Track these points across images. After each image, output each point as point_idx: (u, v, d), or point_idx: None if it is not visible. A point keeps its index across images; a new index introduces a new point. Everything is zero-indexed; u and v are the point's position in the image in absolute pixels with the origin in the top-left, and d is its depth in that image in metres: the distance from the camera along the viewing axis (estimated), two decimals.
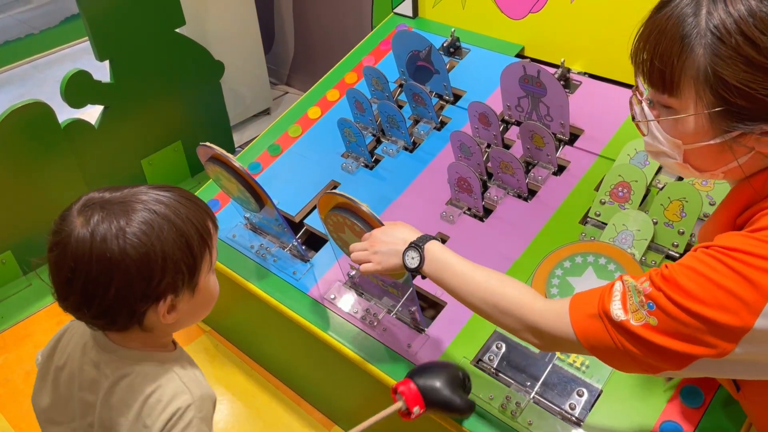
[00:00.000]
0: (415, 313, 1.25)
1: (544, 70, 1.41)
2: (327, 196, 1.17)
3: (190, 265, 0.77)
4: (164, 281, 0.75)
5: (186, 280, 0.77)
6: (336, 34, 2.59)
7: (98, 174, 2.08)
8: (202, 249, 0.78)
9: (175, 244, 0.75)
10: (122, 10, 1.91)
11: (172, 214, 0.76)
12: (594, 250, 1.25)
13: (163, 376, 0.79)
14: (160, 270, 0.74)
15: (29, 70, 3.26)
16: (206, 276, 0.81)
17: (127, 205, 0.75)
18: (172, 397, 0.78)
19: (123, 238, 0.72)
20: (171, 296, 0.77)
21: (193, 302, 0.80)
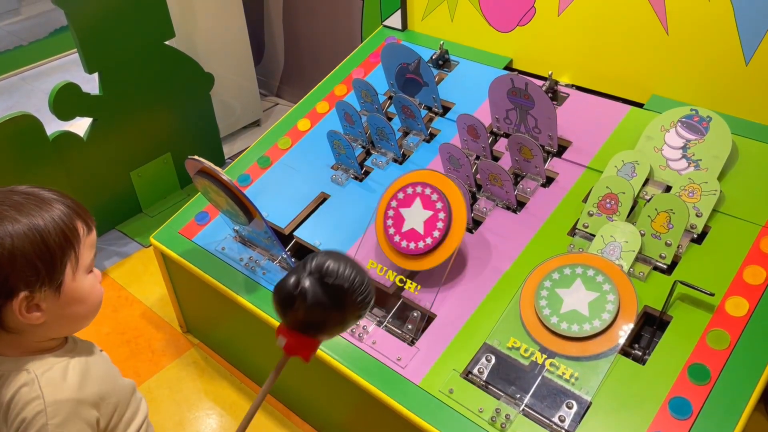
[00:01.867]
0: None
1: (531, 83, 1.42)
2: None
3: (46, 260, 0.76)
4: (13, 276, 0.74)
5: (44, 277, 0.77)
6: (326, 46, 2.60)
7: (87, 186, 2.07)
8: (63, 247, 0.78)
9: (27, 240, 0.75)
10: (111, 22, 1.91)
11: (26, 210, 0.76)
12: (582, 261, 1.25)
13: (24, 381, 0.79)
14: (7, 264, 0.74)
15: (17, 81, 3.24)
16: (76, 276, 0.80)
17: None
18: (25, 403, 0.78)
19: None
20: (25, 293, 0.76)
21: (62, 303, 0.79)
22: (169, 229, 1.63)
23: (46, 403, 0.77)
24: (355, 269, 0.82)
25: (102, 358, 0.91)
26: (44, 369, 0.80)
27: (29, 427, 0.77)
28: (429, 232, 1.32)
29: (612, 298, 1.19)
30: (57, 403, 0.78)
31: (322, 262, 0.81)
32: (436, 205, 1.33)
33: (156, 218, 2.24)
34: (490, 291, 1.30)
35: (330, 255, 0.82)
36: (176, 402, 1.63)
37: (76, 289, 0.80)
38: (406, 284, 1.32)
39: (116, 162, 2.13)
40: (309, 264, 0.82)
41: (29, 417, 0.77)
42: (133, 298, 1.95)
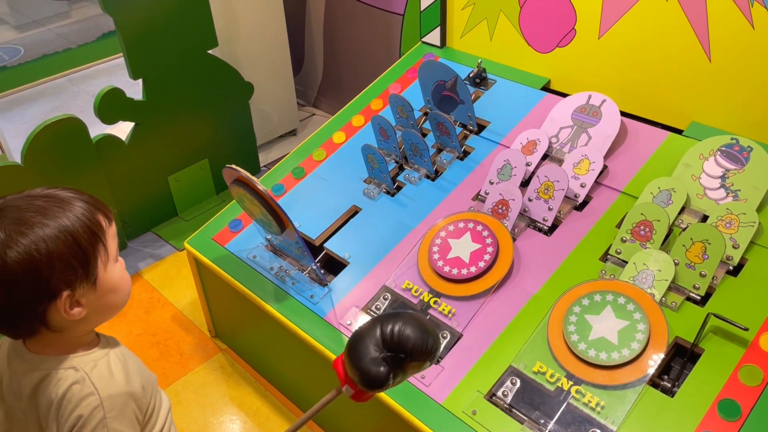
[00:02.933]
0: None
1: (610, 101, 1.47)
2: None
3: (80, 259, 0.79)
4: (54, 278, 0.77)
5: (81, 274, 0.79)
6: (364, 60, 2.63)
7: (126, 189, 2.12)
8: (92, 243, 0.80)
9: (60, 241, 0.77)
10: (157, 30, 1.96)
11: (58, 214, 0.78)
12: (613, 288, 1.24)
13: (73, 379, 0.81)
14: (47, 268, 0.76)
15: (65, 83, 3.34)
16: (107, 268, 0.83)
17: (12, 213, 0.77)
18: (80, 399, 0.80)
19: (5, 247, 0.74)
20: (67, 292, 0.78)
21: (99, 295, 0.82)
22: (203, 235, 1.66)
23: (101, 398, 0.81)
24: (434, 339, 0.90)
25: (129, 350, 0.94)
26: (91, 366, 0.83)
27: (87, 423, 0.80)
28: (474, 262, 1.35)
29: (642, 328, 1.17)
30: (111, 397, 0.81)
31: (412, 344, 0.88)
32: (485, 240, 1.37)
33: (191, 222, 2.29)
34: (518, 313, 1.29)
35: (416, 329, 0.89)
36: (201, 406, 1.66)
37: (109, 279, 0.83)
38: (441, 306, 1.33)
39: (155, 166, 2.18)
40: (398, 342, 0.88)
41: (86, 413, 0.80)
42: (165, 300, 1.98)
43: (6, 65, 3.40)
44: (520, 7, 1.72)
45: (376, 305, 1.38)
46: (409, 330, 0.88)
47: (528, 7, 1.71)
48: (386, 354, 0.88)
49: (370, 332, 0.89)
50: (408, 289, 1.38)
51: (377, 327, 0.89)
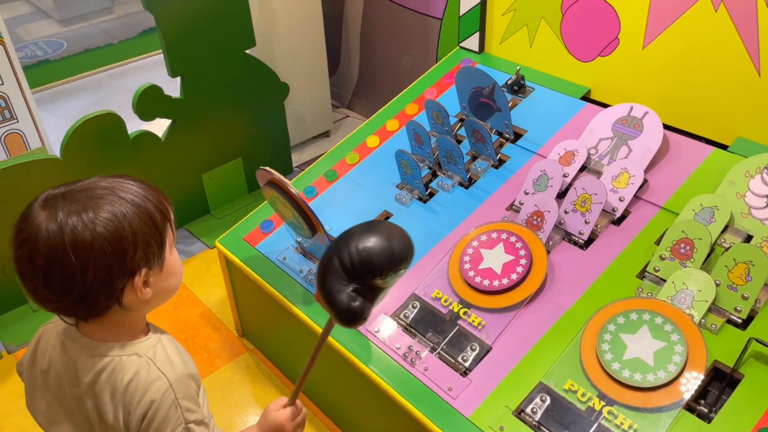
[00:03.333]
0: None
1: (653, 113, 1.44)
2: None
3: (157, 239, 0.82)
4: (137, 255, 0.79)
5: (156, 253, 0.82)
6: (400, 63, 2.61)
7: (160, 184, 2.09)
8: (164, 224, 0.83)
9: (140, 221, 0.79)
10: (197, 29, 1.98)
11: (131, 195, 0.81)
12: (650, 307, 1.20)
13: (138, 365, 0.83)
14: (131, 245, 0.78)
15: (105, 78, 3.40)
16: (170, 251, 0.86)
17: (89, 192, 0.79)
18: (149, 384, 0.82)
19: (93, 223, 0.76)
20: (145, 269, 0.81)
21: (163, 277, 0.84)
22: (234, 234, 1.67)
23: (170, 381, 0.83)
24: (399, 241, 0.88)
25: None
26: (152, 352, 0.85)
27: (161, 406, 0.82)
28: (507, 274, 1.32)
29: (680, 350, 1.13)
30: (178, 380, 0.84)
31: (377, 262, 0.85)
32: (519, 252, 1.35)
33: (222, 220, 2.30)
34: (551, 328, 1.26)
35: (375, 243, 0.85)
36: (227, 405, 1.66)
37: (172, 262, 0.86)
38: (471, 318, 1.30)
39: (190, 163, 2.20)
40: (361, 266, 0.85)
41: (158, 397, 0.82)
42: (194, 297, 2.00)
43: (49, 59, 3.47)
44: (562, 15, 1.69)
45: (405, 313, 1.37)
46: (368, 246, 0.83)
47: (570, 14, 1.68)
48: (355, 285, 0.85)
49: (330, 265, 0.85)
50: (437, 299, 1.36)
51: (334, 257, 0.85)
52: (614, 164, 1.46)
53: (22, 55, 3.51)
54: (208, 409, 0.94)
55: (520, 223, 1.42)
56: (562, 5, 1.68)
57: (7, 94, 2.27)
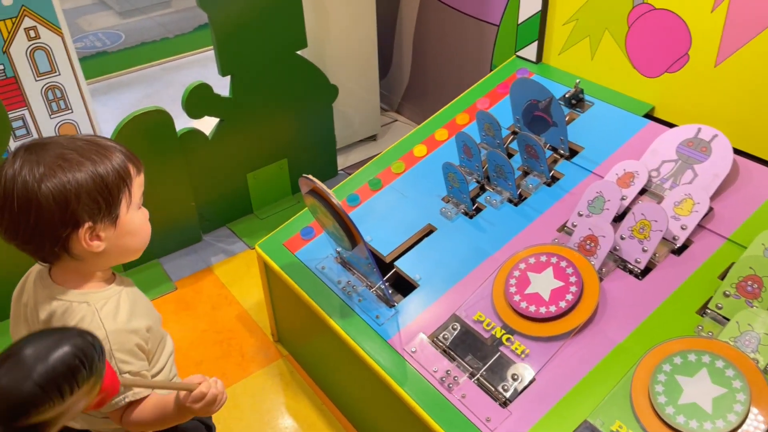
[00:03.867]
0: None
1: (723, 137, 1.35)
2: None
3: (105, 197, 0.88)
4: (79, 208, 0.86)
5: (104, 209, 0.89)
6: (453, 69, 2.55)
7: (204, 182, 2.13)
8: (119, 185, 0.90)
9: (89, 178, 0.87)
10: (249, 28, 1.96)
11: (90, 154, 0.88)
12: (711, 349, 1.11)
13: (84, 312, 0.90)
14: (74, 199, 0.86)
15: (159, 71, 3.44)
16: (129, 212, 0.92)
17: (48, 147, 0.88)
18: (91, 330, 0.82)
19: (41, 177, 0.84)
20: (89, 223, 0.88)
21: (118, 234, 0.91)
22: (275, 239, 1.64)
23: (107, 332, 0.90)
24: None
25: (140, 292, 1.01)
26: (102, 303, 0.92)
27: None
28: (555, 301, 1.25)
29: (742, 398, 1.04)
30: (116, 332, 0.91)
31: None
32: (569, 278, 1.27)
33: (265, 221, 2.28)
34: (600, 362, 1.18)
35: None
36: (258, 412, 1.63)
37: (129, 222, 0.93)
38: (514, 345, 1.24)
39: (235, 162, 2.19)
40: None
41: None
42: (232, 298, 1.98)
43: (106, 50, 3.53)
44: (629, 27, 1.60)
45: (444, 335, 1.31)
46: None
47: (638, 27, 1.58)
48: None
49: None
50: (479, 321, 1.30)
51: None
52: (677, 189, 1.37)
53: (81, 45, 3.58)
54: (169, 364, 1.02)
55: (572, 247, 1.34)
56: (629, 17, 1.59)
57: (63, 84, 2.31)
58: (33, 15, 2.14)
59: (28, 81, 2.23)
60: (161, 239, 2.11)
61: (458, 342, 1.29)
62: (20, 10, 2.11)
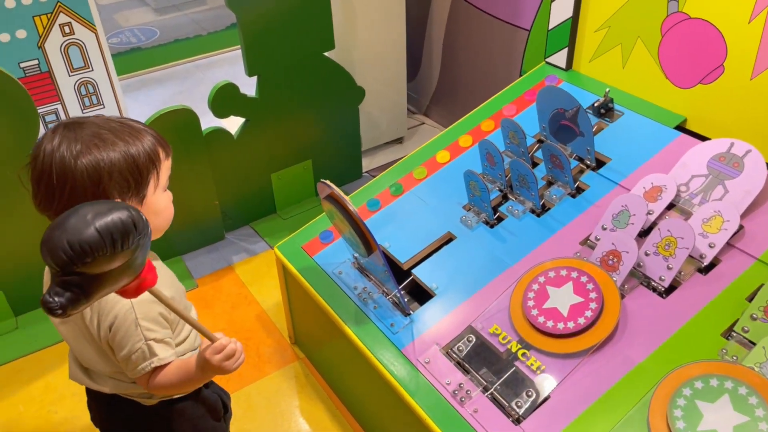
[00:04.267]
0: None
1: (757, 152, 1.30)
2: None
3: (135, 176, 0.93)
4: (111, 185, 0.92)
5: (133, 188, 0.94)
6: (482, 73, 2.51)
7: (229, 181, 2.15)
8: (148, 166, 0.95)
9: (122, 158, 0.92)
10: (277, 30, 1.96)
11: (123, 137, 0.93)
12: (735, 374, 1.07)
13: None
14: (107, 175, 0.91)
15: (191, 68, 3.48)
16: (155, 193, 0.98)
17: (85, 125, 0.93)
18: (116, 302, 0.95)
19: (78, 154, 0.90)
20: (117, 199, 0.92)
21: (144, 213, 0.89)
22: (293, 242, 1.63)
23: (132, 303, 0.96)
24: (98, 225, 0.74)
25: (163, 264, 1.08)
26: None
27: (124, 321, 0.95)
28: (573, 317, 1.21)
29: (765, 427, 1.00)
30: (140, 303, 0.96)
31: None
32: (589, 294, 1.24)
33: (288, 221, 2.29)
34: (617, 382, 1.15)
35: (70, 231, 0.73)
36: (272, 414, 1.63)
37: (155, 202, 0.98)
38: (530, 360, 1.21)
39: (260, 162, 2.19)
40: None
41: (121, 314, 0.95)
42: (252, 298, 1.99)
43: (140, 46, 3.58)
44: (662, 35, 1.55)
45: (458, 347, 1.28)
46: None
47: (671, 35, 1.54)
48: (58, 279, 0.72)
49: None
50: (495, 335, 1.27)
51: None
52: (706, 205, 1.32)
53: (117, 41, 3.64)
54: (193, 334, 1.09)
55: (594, 262, 1.31)
56: (663, 25, 1.54)
57: (95, 80, 2.34)
58: (68, 11, 2.18)
59: (62, 76, 2.27)
60: (184, 236, 2.13)
61: (473, 355, 1.27)
62: (55, 6, 2.15)
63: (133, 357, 0.97)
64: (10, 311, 1.95)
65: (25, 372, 1.77)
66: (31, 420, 1.64)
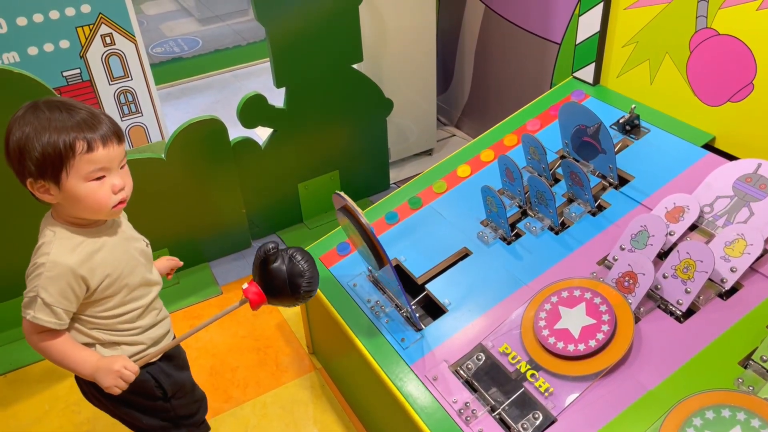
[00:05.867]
0: None
1: None
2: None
3: (52, 160, 1.01)
4: (22, 168, 1.03)
5: (48, 172, 1.02)
6: (513, 86, 2.49)
7: (256, 191, 2.18)
8: (67, 155, 1.01)
9: (47, 142, 1.01)
10: (305, 42, 1.99)
11: (56, 123, 1.01)
12: (748, 405, 1.02)
13: (47, 237, 1.07)
14: (17, 161, 1.03)
15: (230, 78, 3.55)
16: (71, 181, 1.03)
17: (48, 104, 1.04)
18: (40, 252, 1.06)
19: (21, 131, 1.01)
20: (30, 180, 1.03)
21: (65, 196, 1.04)
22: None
23: (49, 258, 1.05)
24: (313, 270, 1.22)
25: (128, 246, 1.16)
26: (65, 237, 1.07)
27: (35, 269, 1.06)
28: (585, 339, 1.19)
29: None
30: (56, 263, 1.05)
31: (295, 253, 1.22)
32: (602, 316, 1.21)
33: (313, 231, 2.31)
34: (627, 408, 1.12)
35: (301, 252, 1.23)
36: (285, 423, 1.65)
37: (71, 188, 1.04)
38: (538, 381, 1.19)
39: (287, 172, 2.22)
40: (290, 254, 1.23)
41: (39, 262, 1.06)
42: (273, 306, 2.01)
43: (182, 56, 3.68)
44: (690, 52, 1.51)
45: (467, 365, 1.27)
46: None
47: (700, 52, 1.49)
48: None
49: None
50: (505, 354, 1.26)
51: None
52: (730, 228, 1.27)
53: (161, 50, 3.76)
54: (135, 314, 1.16)
55: (609, 283, 1.28)
56: (691, 41, 1.50)
57: (134, 89, 2.42)
58: (109, 22, 2.26)
59: (102, 85, 2.35)
60: (211, 243, 2.18)
61: (481, 374, 1.25)
62: (98, 18, 2.23)
63: (25, 299, 1.07)
64: None
65: (56, 371, 1.83)
66: (55, 418, 1.69)
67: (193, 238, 2.13)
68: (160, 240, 2.06)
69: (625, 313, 1.21)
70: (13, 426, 1.69)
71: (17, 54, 2.16)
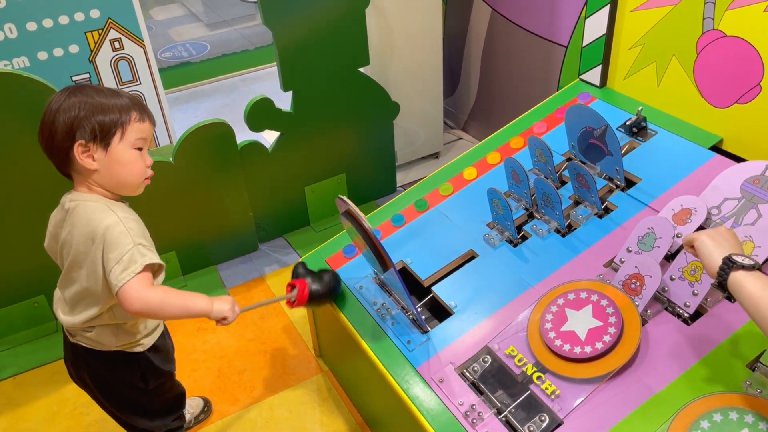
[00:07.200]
0: None
1: None
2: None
3: (102, 125, 1.09)
4: (79, 130, 1.08)
5: (98, 136, 1.09)
6: (520, 89, 2.49)
7: (263, 194, 2.19)
8: (114, 121, 1.10)
9: (93, 110, 1.09)
10: (312, 46, 1.99)
11: (102, 95, 1.11)
12: (756, 408, 1.02)
13: (95, 205, 1.12)
14: (75, 121, 1.08)
15: (238, 82, 3.57)
16: (121, 145, 1.11)
17: (80, 88, 1.11)
18: (104, 217, 1.11)
19: (60, 104, 1.09)
20: (81, 141, 1.08)
21: (108, 160, 1.11)
22: (318, 255, 1.65)
23: (118, 215, 1.12)
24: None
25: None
26: (111, 203, 1.14)
27: (113, 229, 1.09)
28: (591, 341, 1.19)
29: None
30: (126, 217, 1.13)
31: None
32: (609, 318, 1.21)
33: (320, 234, 2.31)
34: (633, 411, 1.11)
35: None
36: (292, 426, 1.65)
37: (119, 153, 1.11)
38: (544, 384, 1.18)
39: (294, 175, 2.23)
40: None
41: (110, 223, 1.10)
42: (280, 309, 2.01)
43: (190, 60, 3.70)
44: (697, 53, 1.51)
45: (473, 367, 1.27)
46: None
47: (707, 53, 1.49)
48: None
49: None
50: (511, 356, 1.25)
51: None
52: (738, 230, 1.27)
53: (169, 55, 3.78)
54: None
55: (616, 285, 1.27)
56: (698, 43, 1.50)
57: (143, 93, 2.44)
58: (118, 27, 2.28)
59: None
60: (219, 246, 2.19)
61: (488, 376, 1.25)
62: (107, 23, 2.25)
63: (122, 263, 1.08)
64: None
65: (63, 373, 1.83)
66: (63, 420, 1.70)
67: (201, 241, 2.14)
68: (167, 243, 2.07)
69: (632, 315, 1.21)
70: (22, 428, 1.70)
71: (27, 59, 2.18)
